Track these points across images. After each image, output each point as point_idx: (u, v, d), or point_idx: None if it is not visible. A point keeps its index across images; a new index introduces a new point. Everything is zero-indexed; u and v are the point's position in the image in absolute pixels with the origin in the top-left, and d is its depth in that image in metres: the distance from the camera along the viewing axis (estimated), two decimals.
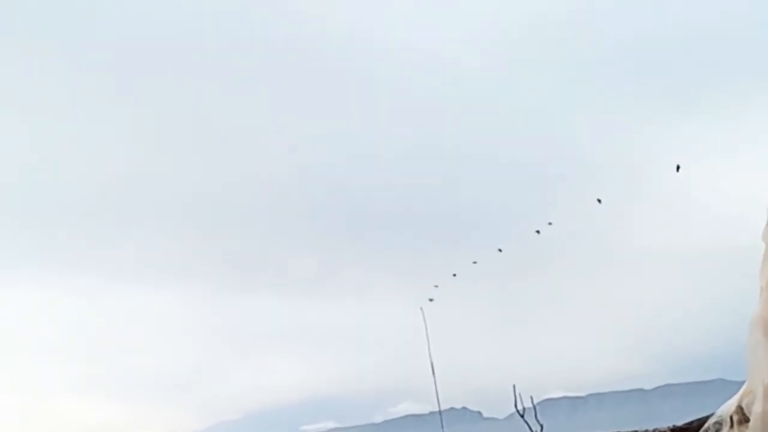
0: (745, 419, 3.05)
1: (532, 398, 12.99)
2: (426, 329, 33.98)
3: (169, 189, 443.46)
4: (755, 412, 2.80)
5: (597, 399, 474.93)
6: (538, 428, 13.24)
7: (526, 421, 12.97)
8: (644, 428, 7.89)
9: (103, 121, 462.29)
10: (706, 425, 3.22)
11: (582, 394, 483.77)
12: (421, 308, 35.14)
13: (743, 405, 3.01)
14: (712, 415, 3.26)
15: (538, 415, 13.21)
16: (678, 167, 32.80)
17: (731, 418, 3.19)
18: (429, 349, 33.72)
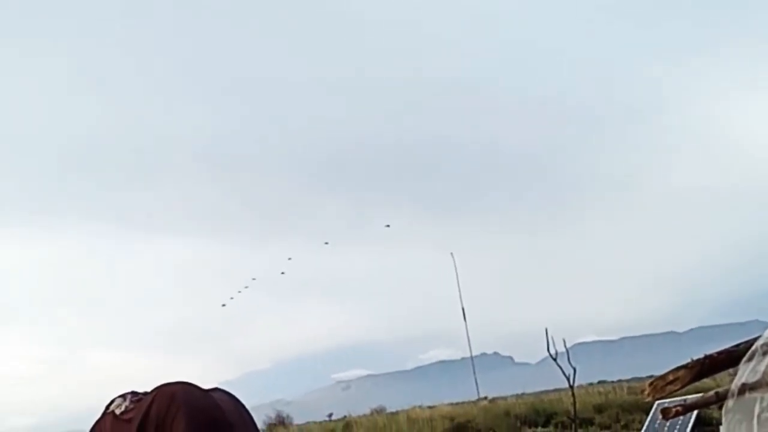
0: None
1: (564, 342, 12.77)
2: (456, 275, 34.07)
3: (198, 140, 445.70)
4: None
5: (630, 343, 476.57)
6: (571, 372, 13.03)
7: (559, 365, 12.73)
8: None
9: (133, 76, 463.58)
10: (753, 347, 2.98)
11: (614, 337, 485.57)
12: (452, 254, 35.20)
13: None
14: (759, 337, 3.03)
15: (571, 359, 12.99)
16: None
17: None
18: (460, 295, 33.86)
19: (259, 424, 2.53)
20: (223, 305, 37.40)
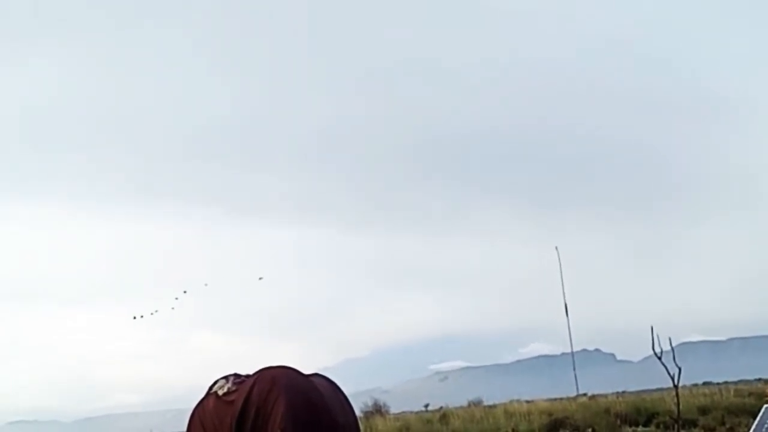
0: None
1: (670, 341, 12.41)
2: (560, 269, 33.50)
3: (302, 127, 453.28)
4: None
5: (739, 344, 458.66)
6: (676, 372, 12.64)
7: (663, 364, 12.36)
8: None
9: (230, 64, 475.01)
10: None
11: (722, 338, 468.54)
12: (556, 248, 34.59)
13: None
14: None
15: (676, 359, 12.58)
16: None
17: None
18: (563, 289, 33.28)
19: (357, 412, 2.57)
20: (149, 314, 34.59)
